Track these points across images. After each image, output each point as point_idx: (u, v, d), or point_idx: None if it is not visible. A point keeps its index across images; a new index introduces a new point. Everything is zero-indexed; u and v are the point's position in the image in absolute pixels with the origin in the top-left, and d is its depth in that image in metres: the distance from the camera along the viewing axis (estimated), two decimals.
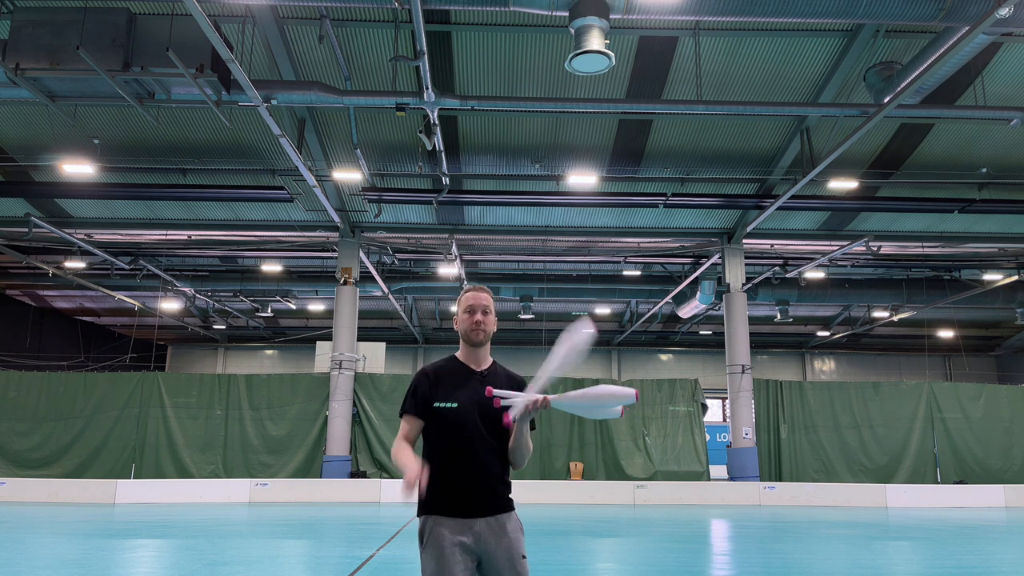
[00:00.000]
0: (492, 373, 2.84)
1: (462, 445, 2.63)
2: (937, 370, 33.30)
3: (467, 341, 2.83)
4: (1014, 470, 17.61)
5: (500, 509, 2.65)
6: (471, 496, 2.62)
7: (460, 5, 9.10)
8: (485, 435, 2.64)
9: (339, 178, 15.26)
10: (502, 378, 2.85)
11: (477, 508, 2.62)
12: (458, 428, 2.65)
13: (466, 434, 2.64)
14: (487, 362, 2.87)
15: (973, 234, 18.20)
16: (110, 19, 9.42)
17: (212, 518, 12.35)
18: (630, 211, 17.16)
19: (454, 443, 2.64)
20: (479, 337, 2.80)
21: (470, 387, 2.74)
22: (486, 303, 2.84)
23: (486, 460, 2.63)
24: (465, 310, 2.84)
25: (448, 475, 2.64)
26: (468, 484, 2.63)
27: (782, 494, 16.51)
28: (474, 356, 2.84)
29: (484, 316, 2.82)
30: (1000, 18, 8.19)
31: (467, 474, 2.63)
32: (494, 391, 2.58)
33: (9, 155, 14.90)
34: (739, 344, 17.94)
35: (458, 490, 2.62)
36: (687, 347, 33.07)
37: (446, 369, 2.82)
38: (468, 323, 2.81)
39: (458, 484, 2.63)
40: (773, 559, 8.31)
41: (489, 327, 2.84)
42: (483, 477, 2.64)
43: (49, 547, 8.58)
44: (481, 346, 2.82)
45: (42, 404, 17.00)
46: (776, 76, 12.77)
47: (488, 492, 2.64)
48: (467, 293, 2.89)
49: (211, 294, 23.36)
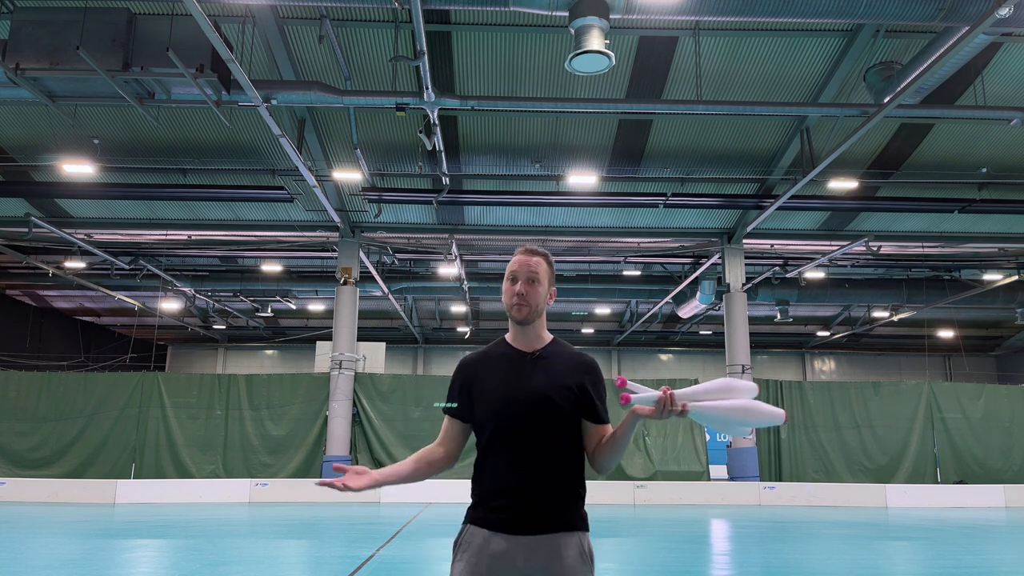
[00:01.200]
0: (548, 355, 2.27)
1: (507, 445, 2.14)
2: (937, 370, 33.30)
3: (510, 316, 2.30)
4: (1014, 470, 17.62)
5: (555, 526, 2.09)
6: (515, 507, 2.12)
7: (460, 5, 9.10)
8: (539, 434, 2.13)
9: (339, 178, 15.26)
10: (562, 361, 2.27)
11: (522, 523, 2.10)
12: (501, 425, 2.17)
13: (512, 432, 2.15)
14: (541, 341, 2.31)
15: (973, 234, 18.20)
16: (110, 19, 9.42)
17: (212, 518, 12.35)
18: (630, 211, 17.16)
19: (496, 442, 2.17)
20: (521, 313, 2.24)
21: (519, 374, 2.23)
22: (534, 269, 2.26)
23: (538, 464, 2.12)
24: (507, 277, 2.29)
25: (491, 479, 2.17)
26: (512, 492, 2.13)
27: (782, 494, 16.51)
28: (523, 335, 2.29)
29: (530, 287, 2.25)
30: (1000, 18, 8.19)
31: (511, 480, 2.13)
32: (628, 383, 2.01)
33: (9, 155, 14.90)
34: (739, 344, 17.94)
35: (500, 498, 2.14)
36: (687, 347, 33.08)
37: (491, 355, 2.31)
38: (508, 295, 2.27)
39: (501, 491, 2.15)
40: (773, 559, 8.31)
41: (537, 301, 2.25)
42: (533, 485, 2.12)
43: (49, 547, 8.58)
44: (527, 324, 2.27)
45: (42, 404, 17.00)
46: (776, 76, 12.77)
47: (539, 503, 2.12)
48: (516, 256, 2.33)
49: (211, 294, 23.36)
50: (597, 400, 2.25)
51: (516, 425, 2.15)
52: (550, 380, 2.20)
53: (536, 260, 2.29)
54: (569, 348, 2.32)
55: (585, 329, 30.60)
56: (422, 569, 7.41)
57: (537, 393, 2.17)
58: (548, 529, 2.10)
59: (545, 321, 2.32)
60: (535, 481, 2.12)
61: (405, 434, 17.12)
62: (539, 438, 2.13)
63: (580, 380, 2.22)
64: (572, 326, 30.27)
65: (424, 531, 10.69)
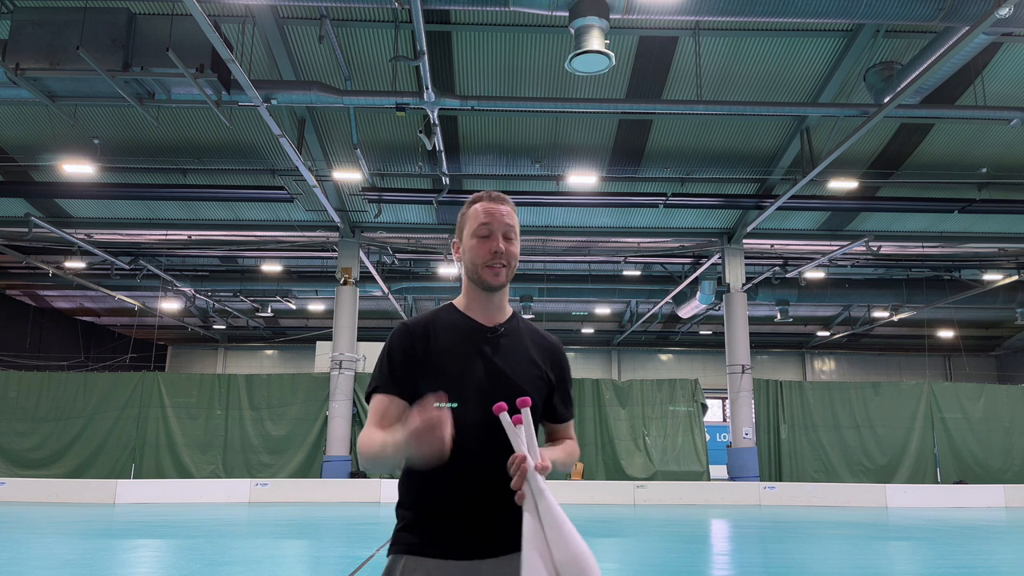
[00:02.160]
0: (511, 332, 1.83)
1: (463, 443, 1.64)
2: (937, 370, 33.29)
3: (477, 282, 1.81)
4: (1014, 470, 17.61)
5: (515, 547, 1.62)
6: (473, 524, 1.70)
7: (460, 5, 9.10)
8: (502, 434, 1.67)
9: (339, 178, 15.27)
10: (528, 341, 1.85)
11: (479, 544, 1.69)
12: (460, 418, 1.67)
13: (470, 427, 1.68)
14: (503, 314, 1.85)
15: (973, 234, 18.20)
16: (110, 19, 9.42)
17: (212, 518, 12.34)
18: (630, 211, 17.16)
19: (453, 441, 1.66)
20: (500, 278, 1.79)
21: (478, 353, 1.76)
22: (509, 221, 1.83)
23: (498, 469, 1.63)
24: (475, 231, 1.81)
25: (435, 493, 1.70)
26: (470, 505, 1.70)
27: (782, 494, 16.51)
28: (485, 305, 1.83)
29: (508, 242, 1.81)
30: (1000, 18, 8.19)
31: (465, 491, 1.70)
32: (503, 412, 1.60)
33: (9, 155, 14.90)
34: (739, 344, 17.94)
35: (450, 516, 1.69)
36: (687, 347, 33.07)
37: (440, 324, 1.81)
38: (481, 252, 1.79)
39: (450, 507, 1.70)
40: (773, 559, 8.31)
41: (515, 260, 1.83)
42: (491, 496, 1.68)
43: (49, 547, 8.58)
44: (499, 290, 1.82)
45: (42, 404, 16.99)
46: (776, 76, 12.77)
47: (498, 520, 1.69)
48: (477, 204, 1.85)
49: (211, 294, 23.36)
50: (564, 394, 1.91)
51: (475, 418, 1.68)
52: (516, 363, 1.78)
53: (508, 210, 1.85)
54: (532, 326, 1.93)
55: (585, 329, 30.60)
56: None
57: (503, 379, 1.74)
58: (508, 550, 1.67)
59: (508, 290, 1.89)
60: (499, 489, 1.64)
61: None
62: (503, 435, 1.65)
63: (547, 366, 1.85)
64: (572, 326, 30.28)
65: None
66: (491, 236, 1.80)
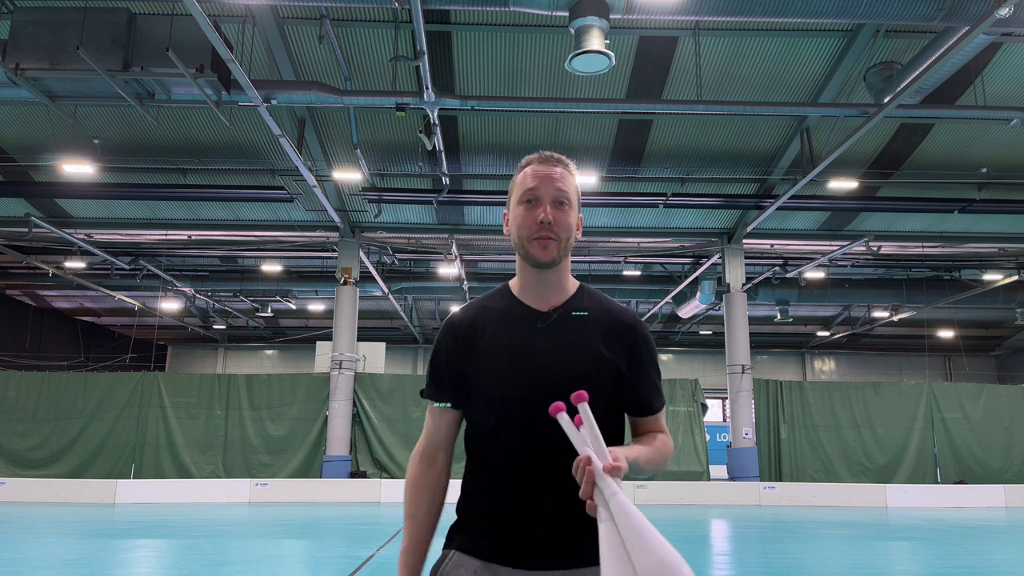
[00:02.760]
0: (575, 314, 1.59)
1: (518, 445, 1.52)
2: (937, 370, 33.29)
3: (525, 258, 1.59)
4: (1014, 470, 17.62)
5: (578, 559, 1.50)
6: (526, 531, 1.52)
7: (460, 5, 9.10)
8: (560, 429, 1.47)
9: (339, 178, 15.27)
10: (596, 322, 1.60)
11: (534, 552, 1.51)
12: (509, 418, 1.53)
13: (525, 428, 1.52)
14: (564, 293, 1.62)
15: (973, 234, 18.20)
16: (110, 19, 9.42)
17: (212, 518, 12.35)
18: (630, 211, 17.16)
19: (501, 441, 1.55)
20: (549, 253, 1.56)
21: (533, 343, 1.56)
22: (563, 186, 1.59)
23: (563, 473, 1.40)
24: (521, 198, 1.59)
25: (493, 493, 1.55)
26: (525, 511, 1.52)
27: (782, 494, 16.51)
28: (539, 285, 1.61)
29: (559, 211, 1.58)
30: (1000, 18, 8.19)
31: (524, 495, 1.52)
32: (561, 413, 1.35)
33: (9, 155, 14.89)
34: (739, 344, 17.94)
35: (504, 519, 1.53)
36: (687, 347, 33.07)
37: (491, 312, 1.61)
38: (527, 222, 1.57)
39: (506, 509, 1.53)
40: (773, 559, 8.31)
41: (568, 232, 1.59)
42: (554, 501, 1.50)
43: (49, 547, 8.58)
44: (551, 267, 1.58)
45: (42, 404, 17.00)
46: (776, 76, 12.77)
47: (562, 527, 1.51)
48: (526, 168, 1.65)
49: (211, 294, 23.36)
50: (645, 381, 1.64)
51: (532, 417, 1.49)
52: (579, 352, 1.55)
53: (562, 172, 1.61)
54: (604, 301, 1.65)
55: None
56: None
57: (561, 371, 1.53)
58: (569, 563, 1.50)
59: (570, 263, 1.65)
60: (558, 495, 1.48)
61: (405, 434, 17.10)
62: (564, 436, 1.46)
63: (622, 351, 1.59)
64: None
65: None
66: (538, 203, 1.57)
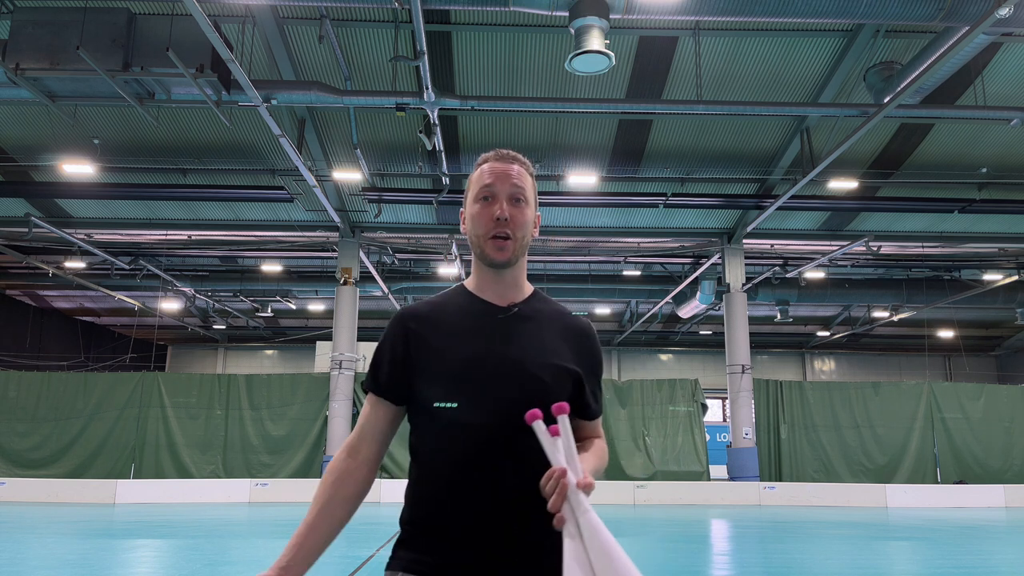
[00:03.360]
0: (530, 313, 1.55)
1: (472, 448, 1.43)
2: (937, 370, 33.29)
3: (480, 257, 1.54)
4: (1014, 470, 17.62)
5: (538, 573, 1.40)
6: (478, 549, 1.41)
7: (460, 5, 9.10)
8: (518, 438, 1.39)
9: (339, 178, 15.27)
10: (550, 323, 1.56)
11: (487, 573, 1.40)
12: (465, 417, 1.44)
13: (482, 428, 1.43)
14: (520, 292, 1.58)
15: (973, 234, 18.20)
16: (110, 19, 9.42)
17: (212, 518, 12.35)
18: (630, 211, 17.16)
19: (454, 443, 1.45)
20: (505, 253, 1.51)
21: (490, 338, 1.49)
22: (519, 183, 1.54)
23: (517, 478, 1.39)
24: (477, 195, 1.55)
25: (437, 505, 1.44)
26: (473, 526, 1.41)
27: (782, 494, 16.51)
28: (496, 283, 1.55)
29: (515, 208, 1.53)
30: (1000, 18, 8.19)
31: (473, 506, 1.42)
32: (537, 421, 1.28)
33: (9, 155, 14.90)
34: (739, 344, 17.94)
35: (453, 535, 1.42)
36: (687, 347, 33.07)
37: (447, 308, 1.56)
38: (482, 219, 1.52)
39: (454, 524, 1.42)
40: (773, 559, 8.31)
41: (524, 231, 1.53)
42: (511, 510, 1.41)
43: (49, 547, 8.58)
44: (507, 267, 1.53)
45: (42, 404, 17.00)
46: (776, 76, 12.77)
47: (514, 544, 1.41)
48: (483, 164, 1.59)
49: (211, 294, 23.36)
50: (593, 385, 1.60)
51: (494, 417, 1.42)
52: (535, 350, 1.49)
53: (518, 169, 1.56)
54: (555, 305, 1.62)
55: None
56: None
57: (517, 369, 1.46)
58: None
59: (526, 263, 1.60)
60: (516, 507, 1.39)
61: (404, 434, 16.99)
62: (522, 444, 1.38)
63: (573, 353, 1.55)
64: None
65: None
66: (494, 199, 1.52)
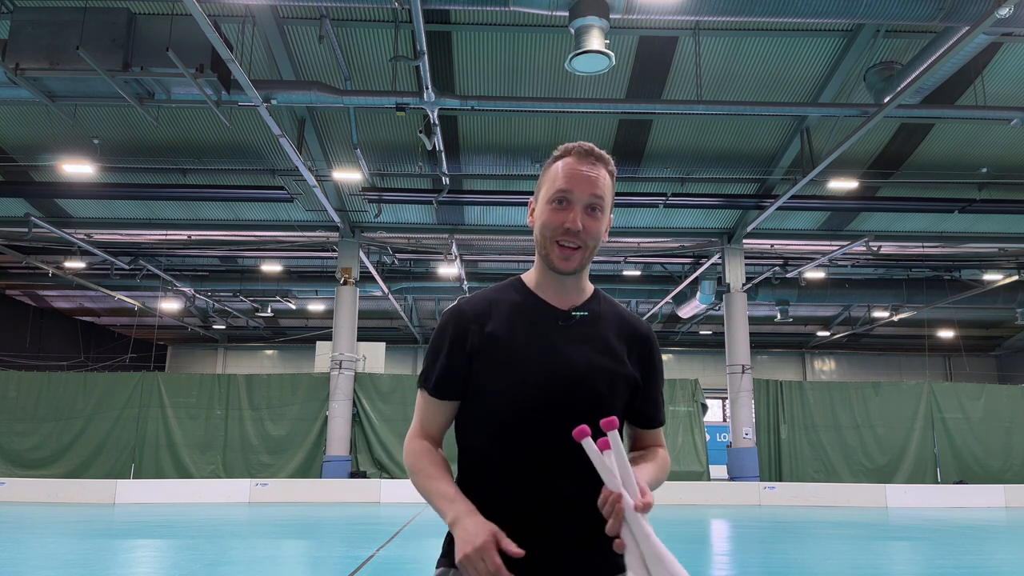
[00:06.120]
0: (593, 316, 1.51)
1: (533, 447, 1.42)
2: (937, 370, 33.29)
3: (545, 260, 1.49)
4: (1014, 470, 17.62)
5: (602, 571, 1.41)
6: (535, 549, 1.37)
7: (460, 5, 9.10)
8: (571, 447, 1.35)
9: (339, 178, 15.27)
10: (612, 327, 1.52)
11: (557, 567, 1.40)
12: (527, 415, 1.42)
13: (543, 427, 1.42)
14: (582, 294, 1.54)
15: (973, 234, 18.20)
16: (110, 19, 9.42)
17: (212, 518, 12.34)
18: (630, 211, 17.16)
19: (515, 441, 1.43)
20: (572, 263, 1.46)
21: (552, 340, 1.46)
22: (599, 190, 1.48)
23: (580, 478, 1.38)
24: (553, 197, 1.47)
25: (505, 499, 1.43)
26: (530, 525, 1.40)
27: (782, 494, 16.51)
28: (557, 285, 1.51)
29: (591, 218, 1.47)
30: (1000, 18, 8.19)
31: (529, 506, 1.41)
32: (586, 438, 1.27)
33: (9, 155, 14.89)
34: (739, 344, 17.93)
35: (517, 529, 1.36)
36: (687, 347, 33.07)
37: (503, 305, 1.50)
38: (552, 223, 1.46)
39: (519, 518, 1.40)
40: (773, 559, 8.31)
41: (596, 241, 1.49)
42: (573, 509, 1.40)
43: (49, 547, 8.58)
44: (573, 275, 1.50)
45: (42, 404, 17.00)
46: (776, 76, 12.76)
47: (572, 545, 1.41)
48: (560, 160, 1.52)
49: (211, 294, 23.36)
50: (656, 394, 1.58)
51: (554, 418, 1.40)
52: (596, 355, 1.46)
53: (600, 173, 1.48)
54: (616, 307, 1.57)
55: None
56: (422, 569, 7.40)
57: (577, 378, 1.43)
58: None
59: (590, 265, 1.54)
60: (576, 503, 1.38)
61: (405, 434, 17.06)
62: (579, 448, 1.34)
63: (639, 361, 1.52)
64: None
65: (424, 531, 10.68)
66: (569, 206, 1.45)
